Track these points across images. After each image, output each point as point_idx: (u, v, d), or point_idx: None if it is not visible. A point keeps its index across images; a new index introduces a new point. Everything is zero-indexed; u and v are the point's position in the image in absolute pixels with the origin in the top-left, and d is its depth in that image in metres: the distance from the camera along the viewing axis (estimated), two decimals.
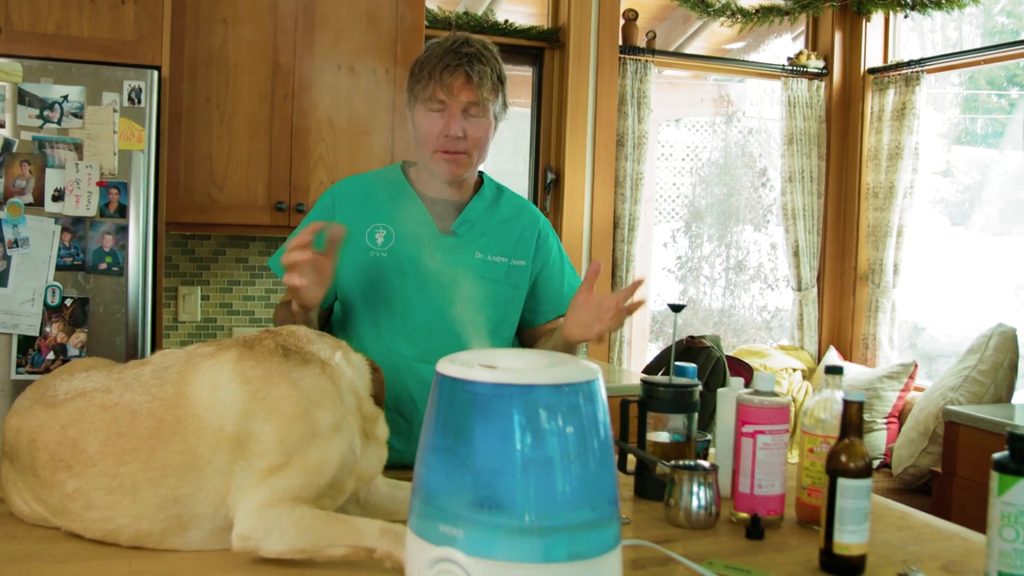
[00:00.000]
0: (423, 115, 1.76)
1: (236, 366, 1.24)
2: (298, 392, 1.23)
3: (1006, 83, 5.03)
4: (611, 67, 3.95)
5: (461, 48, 1.73)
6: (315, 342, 1.33)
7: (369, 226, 1.80)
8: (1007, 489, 1.15)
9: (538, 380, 0.91)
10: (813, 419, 1.44)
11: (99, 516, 1.21)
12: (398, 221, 1.81)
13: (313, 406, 1.24)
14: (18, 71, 2.39)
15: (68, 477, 1.22)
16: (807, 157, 4.41)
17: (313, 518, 1.17)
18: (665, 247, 4.69)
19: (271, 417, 1.21)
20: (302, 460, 1.20)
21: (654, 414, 1.59)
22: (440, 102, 1.73)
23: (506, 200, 1.91)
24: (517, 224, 1.88)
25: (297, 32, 3.03)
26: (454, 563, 0.89)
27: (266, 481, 1.19)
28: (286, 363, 1.26)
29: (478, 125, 1.76)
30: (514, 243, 1.86)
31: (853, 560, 1.26)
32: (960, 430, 3.11)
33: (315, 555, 1.17)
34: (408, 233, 1.80)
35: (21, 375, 2.40)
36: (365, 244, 1.79)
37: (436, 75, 1.72)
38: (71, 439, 1.23)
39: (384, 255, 1.78)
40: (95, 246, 2.45)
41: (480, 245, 1.82)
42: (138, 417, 1.22)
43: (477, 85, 1.72)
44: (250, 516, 1.17)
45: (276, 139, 3.03)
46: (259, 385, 1.23)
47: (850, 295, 4.55)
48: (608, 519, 0.93)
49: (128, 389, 1.25)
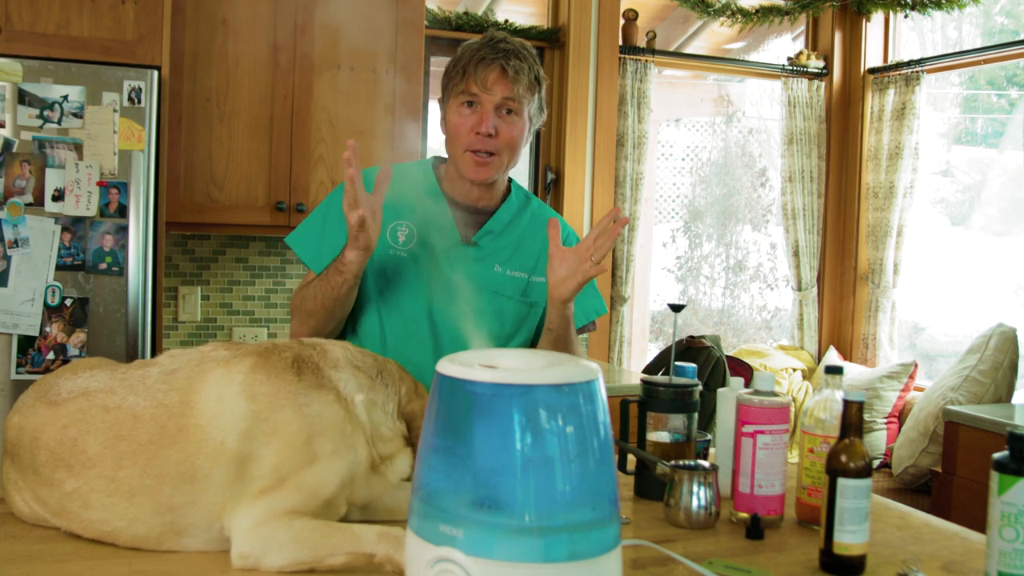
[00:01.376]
0: (454, 111, 1.70)
1: (246, 379, 1.22)
2: (301, 419, 1.21)
3: (1006, 83, 5.03)
4: (611, 67, 3.95)
5: (498, 44, 1.68)
6: (343, 369, 1.29)
7: (392, 222, 1.74)
8: (1007, 489, 1.15)
9: (538, 380, 0.91)
10: (813, 419, 1.44)
11: (96, 517, 1.20)
12: (421, 221, 1.75)
13: (315, 434, 1.21)
14: (18, 71, 2.39)
15: (67, 477, 1.21)
16: (807, 157, 4.41)
17: (312, 530, 1.17)
18: (665, 247, 4.69)
19: (270, 441, 1.19)
20: (298, 481, 1.19)
21: (654, 414, 1.59)
22: (473, 95, 1.67)
23: (532, 211, 1.85)
24: (540, 240, 1.79)
25: (297, 32, 3.03)
26: (454, 563, 0.89)
27: (260, 500, 1.18)
28: (297, 383, 1.23)
29: (512, 125, 1.69)
30: (536, 258, 1.79)
31: (853, 560, 1.26)
32: (960, 430, 3.11)
33: (316, 566, 1.16)
34: (430, 236, 1.74)
35: (21, 375, 2.40)
36: (386, 240, 1.74)
37: (471, 68, 1.66)
38: (71, 439, 1.22)
39: (403, 255, 1.74)
40: (95, 246, 2.45)
41: (500, 258, 1.77)
42: (140, 421, 1.21)
43: (513, 80, 1.66)
44: (247, 535, 1.16)
45: (276, 139, 3.03)
46: (264, 404, 1.20)
47: (850, 295, 4.55)
48: (608, 519, 0.93)
49: (132, 392, 1.24)
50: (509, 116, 1.69)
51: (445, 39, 3.66)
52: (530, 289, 1.79)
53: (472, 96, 1.68)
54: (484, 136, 1.67)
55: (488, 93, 1.66)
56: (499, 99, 1.67)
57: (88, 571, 1.15)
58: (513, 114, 1.69)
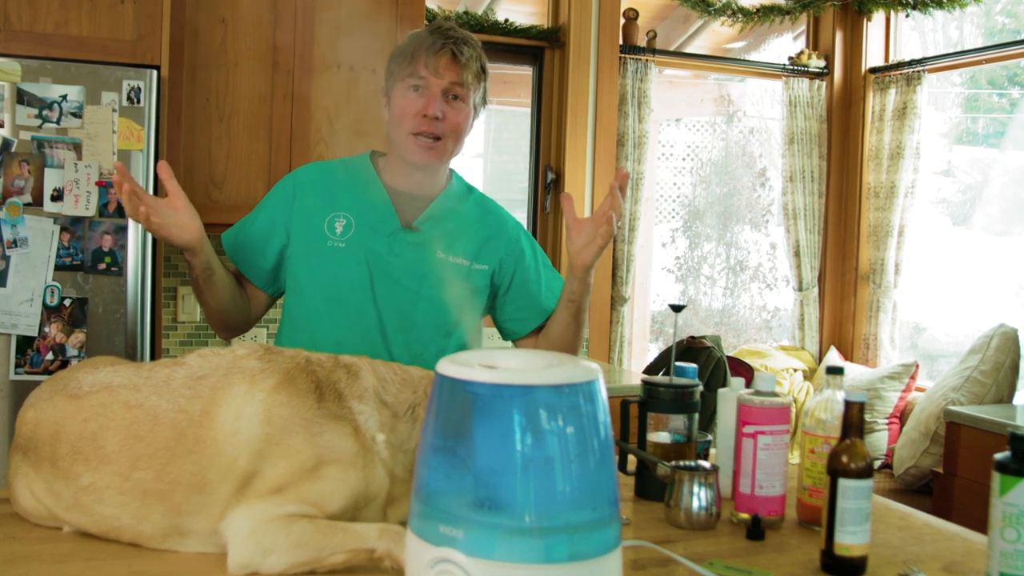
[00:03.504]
0: (401, 94, 1.71)
1: (268, 398, 1.21)
2: (312, 447, 1.20)
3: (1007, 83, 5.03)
4: (611, 67, 3.94)
5: (447, 31, 1.71)
6: (368, 402, 1.26)
7: (329, 214, 1.74)
8: (1008, 490, 1.15)
9: (538, 380, 0.91)
10: (814, 419, 1.44)
11: (108, 513, 1.21)
12: (360, 211, 1.75)
13: (324, 463, 1.21)
14: (17, 71, 2.39)
15: (85, 470, 1.22)
16: (808, 157, 4.41)
17: (313, 531, 1.16)
18: (664, 247, 4.68)
19: (278, 464, 1.20)
20: (299, 492, 1.19)
21: (654, 414, 1.59)
22: (421, 78, 1.68)
23: (474, 201, 1.86)
24: (483, 228, 1.82)
25: (297, 32, 3.02)
26: (454, 564, 0.89)
27: (258, 504, 1.18)
28: (316, 410, 1.22)
29: (458, 111, 1.71)
30: (478, 247, 1.80)
31: (854, 561, 1.25)
32: (961, 430, 3.11)
33: (317, 566, 1.16)
34: (369, 224, 1.74)
35: (20, 375, 2.39)
36: (323, 233, 1.73)
37: (420, 53, 1.68)
38: (92, 432, 1.23)
39: (341, 246, 1.73)
40: (94, 246, 2.45)
41: (442, 244, 1.76)
42: (159, 424, 1.21)
43: (463, 66, 1.68)
44: (245, 542, 1.16)
45: (276, 139, 3.03)
46: (278, 429, 1.20)
47: (851, 295, 4.55)
48: (608, 519, 0.93)
49: (156, 392, 1.24)
50: (455, 102, 1.71)
51: None
52: (472, 275, 1.78)
53: (420, 80, 1.69)
54: (431, 119, 1.68)
55: (437, 77, 1.68)
56: (447, 83, 1.69)
57: (88, 571, 1.15)
58: (459, 100, 1.71)
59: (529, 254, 1.87)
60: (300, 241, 1.75)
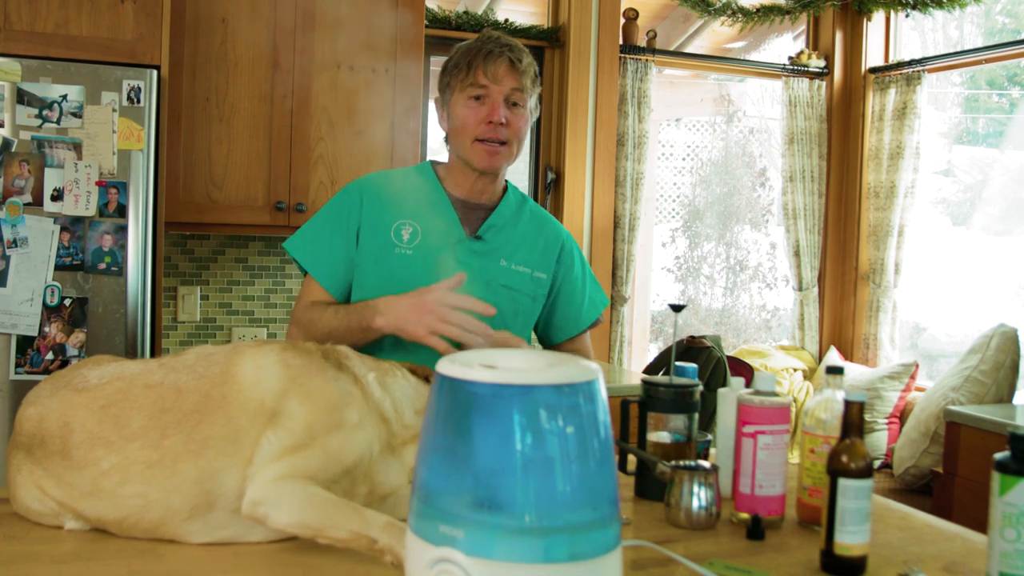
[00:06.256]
0: (462, 104, 1.73)
1: (280, 354, 1.32)
2: (332, 388, 1.30)
3: (1007, 83, 5.03)
4: (611, 66, 3.94)
5: (499, 39, 1.74)
6: (352, 359, 1.40)
7: (396, 222, 1.77)
8: (1008, 489, 1.15)
9: (538, 380, 0.91)
10: (814, 419, 1.44)
11: (133, 492, 1.22)
12: (426, 219, 1.77)
13: (343, 404, 1.29)
14: (17, 70, 2.39)
15: (106, 453, 1.23)
16: (808, 157, 4.41)
17: (324, 499, 1.20)
18: (664, 247, 4.68)
19: (305, 402, 1.27)
20: (324, 444, 1.25)
21: (654, 414, 1.59)
22: (482, 87, 1.71)
23: (530, 210, 1.90)
24: (540, 235, 1.86)
25: (297, 31, 3.02)
26: (454, 564, 0.89)
27: (287, 457, 1.23)
28: (325, 362, 1.34)
29: (519, 115, 1.74)
30: (538, 254, 1.84)
31: (854, 561, 1.25)
32: (961, 430, 3.11)
33: (319, 534, 1.18)
34: (435, 233, 1.77)
35: (20, 375, 2.39)
36: (391, 240, 1.76)
37: (479, 62, 1.71)
38: (113, 416, 1.25)
39: (409, 253, 1.75)
40: (94, 246, 2.45)
41: (505, 252, 1.80)
42: (184, 394, 1.27)
43: (522, 73, 1.71)
44: (265, 484, 1.20)
45: (276, 139, 3.03)
46: (299, 372, 1.30)
47: (851, 295, 4.55)
48: (608, 519, 0.93)
49: (172, 371, 1.30)
50: (515, 108, 1.74)
51: (445, 39, 3.66)
52: (533, 283, 1.83)
53: (481, 89, 1.72)
54: (496, 125, 1.71)
55: (498, 84, 1.71)
56: (508, 90, 1.72)
57: (88, 571, 1.15)
58: (518, 106, 1.74)
59: (578, 266, 1.92)
60: (369, 248, 1.76)
